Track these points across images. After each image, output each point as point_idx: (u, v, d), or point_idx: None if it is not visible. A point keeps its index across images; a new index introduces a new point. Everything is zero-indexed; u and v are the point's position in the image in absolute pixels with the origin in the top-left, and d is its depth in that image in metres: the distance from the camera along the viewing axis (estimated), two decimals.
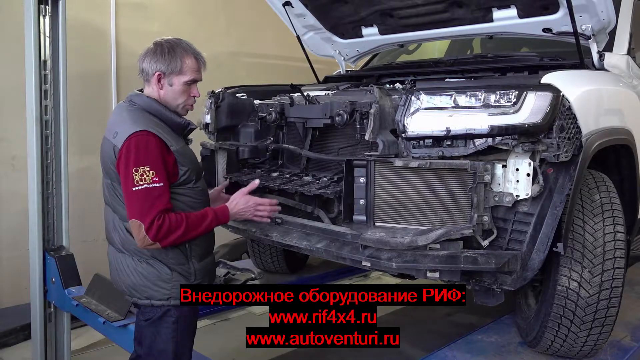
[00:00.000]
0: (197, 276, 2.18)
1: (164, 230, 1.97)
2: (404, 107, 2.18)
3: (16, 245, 4.07)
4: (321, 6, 3.37)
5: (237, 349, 3.81)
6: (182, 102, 2.18)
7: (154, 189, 1.97)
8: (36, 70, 3.07)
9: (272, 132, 3.02)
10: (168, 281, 2.11)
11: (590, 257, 2.24)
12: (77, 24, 4.18)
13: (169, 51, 2.11)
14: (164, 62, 2.10)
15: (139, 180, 1.96)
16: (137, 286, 2.12)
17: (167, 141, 2.05)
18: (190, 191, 2.14)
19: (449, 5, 2.94)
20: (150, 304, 2.13)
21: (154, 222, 1.95)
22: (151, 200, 1.96)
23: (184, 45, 2.14)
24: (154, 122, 2.08)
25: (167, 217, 1.98)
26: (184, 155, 2.12)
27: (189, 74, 2.13)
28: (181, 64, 2.11)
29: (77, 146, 4.12)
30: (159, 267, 2.11)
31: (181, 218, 2.02)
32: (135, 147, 1.98)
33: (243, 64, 5.68)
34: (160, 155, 2.01)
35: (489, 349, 2.58)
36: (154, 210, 1.96)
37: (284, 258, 3.75)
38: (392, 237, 2.13)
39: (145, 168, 1.96)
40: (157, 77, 2.12)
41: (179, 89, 2.14)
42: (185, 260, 2.14)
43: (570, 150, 2.15)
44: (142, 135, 1.99)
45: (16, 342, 3.94)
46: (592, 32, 2.63)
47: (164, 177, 2.00)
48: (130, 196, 1.98)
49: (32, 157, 3.11)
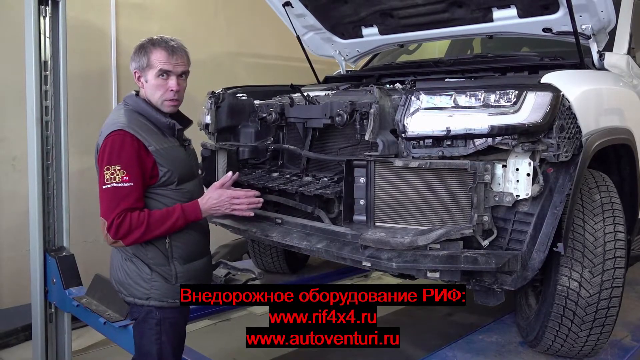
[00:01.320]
0: (179, 279, 2.16)
1: (123, 229, 1.98)
2: (404, 107, 2.18)
3: (17, 245, 4.07)
4: (321, 6, 3.37)
5: (237, 350, 3.81)
6: (160, 96, 2.15)
7: (121, 188, 1.99)
8: (36, 71, 3.07)
9: (272, 132, 3.02)
10: (148, 281, 2.12)
11: (591, 257, 2.24)
12: (78, 25, 4.18)
13: (139, 49, 2.15)
14: (136, 60, 2.15)
15: (108, 178, 1.99)
16: (122, 283, 2.17)
17: (145, 141, 2.05)
18: (173, 193, 2.14)
19: (448, 5, 2.94)
20: (134, 302, 2.16)
21: (114, 220, 1.98)
22: (117, 200, 1.99)
23: (155, 39, 2.15)
24: (139, 122, 2.10)
25: (129, 216, 1.99)
26: (165, 157, 2.11)
27: (157, 65, 2.12)
28: (148, 57, 2.12)
29: (77, 147, 4.12)
30: (140, 266, 2.13)
31: (143, 216, 2.02)
32: (110, 146, 2.01)
33: (243, 64, 5.68)
34: (134, 155, 2.02)
35: (490, 348, 2.58)
36: (117, 209, 1.98)
37: (284, 258, 3.75)
38: (393, 237, 2.13)
39: (116, 167, 1.99)
40: (137, 76, 2.17)
41: (153, 83, 2.14)
42: (165, 261, 2.14)
43: (570, 150, 2.15)
44: (118, 135, 2.02)
45: (17, 342, 3.95)
46: (592, 32, 2.63)
47: (135, 177, 2.01)
48: (100, 194, 2.03)
49: (32, 158, 3.11)
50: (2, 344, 3.89)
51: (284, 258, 3.75)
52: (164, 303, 2.14)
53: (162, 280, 2.13)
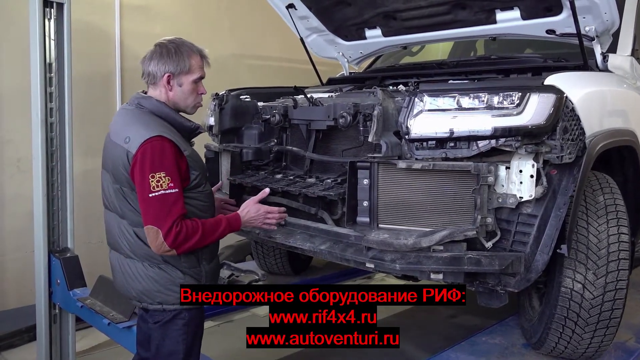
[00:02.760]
0: (207, 278, 2.18)
1: (181, 237, 1.97)
2: (407, 108, 2.19)
3: (21, 246, 4.08)
4: (324, 8, 3.38)
5: (240, 351, 3.80)
6: (192, 101, 2.18)
7: (170, 195, 1.96)
8: (41, 73, 3.09)
9: (275, 134, 3.02)
10: (182, 284, 2.10)
11: (595, 259, 2.23)
12: (82, 27, 4.20)
13: (175, 51, 2.10)
14: (172, 63, 2.09)
15: (155, 186, 1.95)
16: (148, 291, 2.10)
17: (180, 146, 2.05)
18: (200, 194, 2.14)
19: (452, 7, 2.95)
20: (162, 309, 2.11)
21: (172, 228, 1.95)
22: (168, 207, 1.96)
23: (188, 44, 2.15)
24: (165, 126, 2.07)
25: (184, 224, 1.98)
26: (194, 159, 2.12)
27: (196, 71, 2.13)
28: (189, 62, 2.11)
29: (82, 148, 4.14)
30: (171, 271, 2.10)
31: (197, 225, 2.01)
32: (151, 153, 1.97)
33: (246, 66, 5.69)
34: (175, 160, 2.00)
35: (493, 350, 2.58)
36: (171, 217, 1.95)
37: (287, 260, 3.76)
38: (396, 238, 2.13)
39: (162, 174, 1.96)
40: (167, 79, 2.11)
41: (188, 88, 2.14)
42: (197, 263, 2.14)
43: (573, 152, 2.15)
44: (157, 141, 1.98)
45: (21, 343, 3.96)
46: (595, 34, 2.63)
47: (178, 183, 2.00)
48: (146, 202, 1.97)
49: (37, 159, 3.12)
50: (6, 345, 3.91)
51: (288, 259, 3.75)
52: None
53: (193, 282, 2.13)
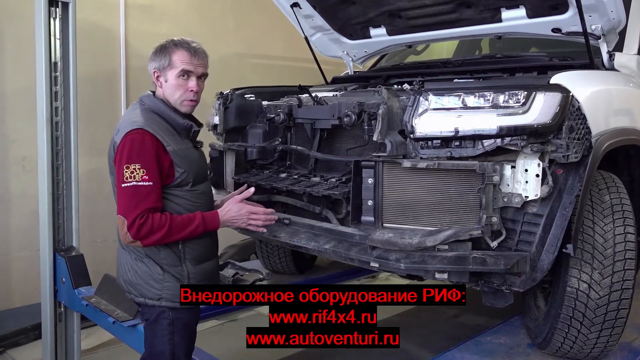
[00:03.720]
0: (191, 280, 2.17)
1: (145, 230, 1.98)
2: (412, 107, 2.18)
3: (27, 245, 4.10)
4: (329, 7, 3.37)
5: (244, 350, 3.81)
6: (179, 96, 2.17)
7: (142, 187, 1.99)
8: (47, 72, 3.10)
9: (280, 133, 3.02)
10: (160, 281, 2.12)
11: (600, 259, 2.22)
12: (87, 26, 4.21)
13: (160, 49, 2.17)
14: (157, 60, 2.16)
15: (128, 177, 1.99)
16: (132, 283, 2.16)
17: (163, 141, 2.07)
18: (188, 193, 2.15)
19: (457, 5, 2.94)
20: (144, 303, 2.16)
21: (136, 220, 1.97)
22: (138, 198, 1.98)
23: (178, 40, 2.17)
24: (156, 122, 2.11)
25: (151, 217, 1.99)
26: (182, 157, 2.12)
27: (179, 66, 2.14)
28: (170, 57, 2.14)
29: (87, 147, 4.15)
30: (151, 266, 2.13)
31: (165, 219, 2.02)
32: (130, 145, 2.01)
33: (251, 65, 5.70)
34: (154, 154, 2.03)
35: (498, 350, 2.57)
36: (138, 209, 1.97)
37: (292, 259, 3.75)
38: (401, 238, 2.12)
39: (136, 166, 1.99)
40: (156, 76, 2.18)
41: (173, 83, 2.16)
42: (178, 262, 2.15)
43: (579, 151, 2.14)
44: (138, 134, 2.03)
45: (27, 341, 3.99)
46: (601, 32, 2.61)
47: (155, 177, 2.02)
48: (119, 192, 2.02)
49: (42, 158, 3.14)
50: (12, 343, 3.93)
51: (292, 258, 3.75)
52: (176, 303, 2.14)
53: (174, 281, 2.14)
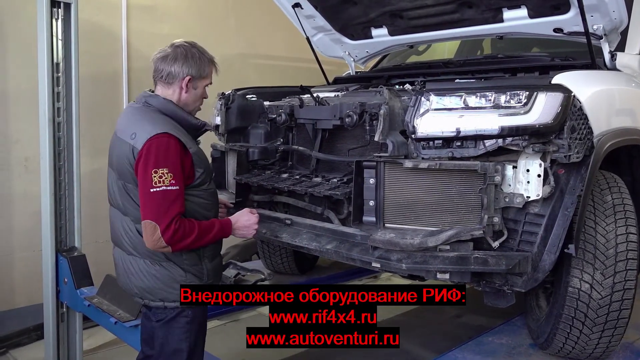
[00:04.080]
0: (209, 276, 2.19)
1: (179, 235, 1.99)
2: (413, 108, 2.18)
3: (29, 246, 4.11)
4: (331, 7, 3.38)
5: (246, 350, 3.81)
6: (199, 104, 2.27)
7: (171, 192, 1.98)
8: (49, 73, 3.10)
9: (281, 133, 3.03)
10: (182, 282, 2.11)
11: (602, 259, 2.22)
12: (89, 27, 4.22)
13: (200, 57, 2.17)
14: (196, 66, 2.15)
15: (157, 181, 1.97)
16: (150, 289, 2.12)
17: (186, 143, 2.07)
18: (204, 193, 2.16)
19: (458, 5, 2.94)
20: (163, 306, 2.13)
21: (171, 225, 1.96)
22: (168, 203, 1.97)
23: (209, 54, 2.23)
24: (173, 124, 2.11)
25: (182, 223, 2.00)
26: (200, 157, 2.14)
27: (210, 78, 2.23)
28: (209, 68, 2.20)
29: (89, 148, 4.15)
30: (172, 269, 2.11)
31: (193, 225, 2.04)
32: (156, 149, 1.99)
33: (253, 66, 5.70)
34: (179, 158, 2.03)
35: (500, 350, 2.57)
36: (170, 213, 1.97)
37: (293, 259, 3.75)
38: (402, 238, 2.13)
39: (164, 170, 1.98)
40: (187, 81, 2.15)
41: (200, 92, 2.22)
42: (198, 260, 2.16)
43: (581, 151, 2.14)
44: (163, 137, 2.01)
45: (29, 342, 3.99)
46: (603, 32, 2.61)
47: (180, 181, 2.02)
48: (147, 197, 1.99)
49: (44, 159, 3.14)
50: (14, 343, 3.93)
51: (294, 259, 3.75)
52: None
53: (195, 280, 2.14)
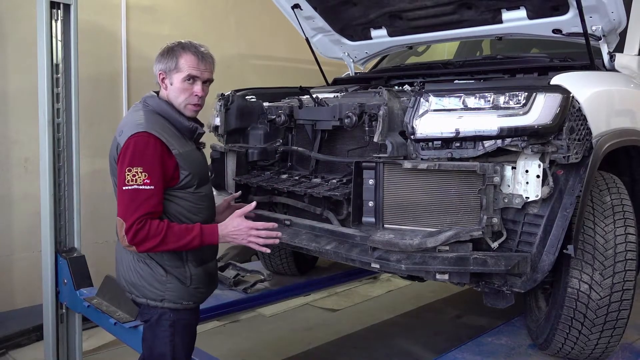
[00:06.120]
0: (193, 281, 2.17)
1: (141, 236, 1.96)
2: (412, 108, 2.18)
3: (28, 246, 4.11)
4: (330, 8, 3.38)
5: (246, 350, 3.82)
6: (184, 100, 2.16)
7: (143, 191, 1.97)
8: (48, 74, 3.10)
9: (281, 134, 3.03)
10: (163, 283, 2.12)
11: (601, 259, 2.22)
12: (89, 28, 4.22)
13: (167, 51, 2.15)
14: (163, 62, 2.15)
15: (130, 180, 1.97)
16: (135, 284, 2.16)
17: (168, 144, 2.06)
18: (191, 196, 2.14)
19: (458, 6, 2.94)
20: (146, 303, 2.15)
21: (134, 225, 1.95)
22: (138, 202, 1.97)
23: (185, 44, 2.16)
24: (160, 124, 2.10)
25: (149, 223, 1.97)
26: (187, 160, 2.11)
27: (185, 70, 2.13)
28: (177, 61, 2.13)
29: (88, 149, 4.16)
30: (154, 267, 2.12)
31: (162, 227, 1.99)
32: (133, 147, 2.00)
33: (252, 67, 5.71)
34: (158, 157, 2.01)
35: (499, 351, 2.58)
36: (137, 213, 1.96)
37: (293, 260, 3.76)
38: (401, 238, 2.13)
39: (139, 169, 1.98)
40: (161, 78, 2.17)
41: (178, 86, 2.14)
42: (181, 263, 2.15)
43: (580, 152, 2.14)
44: (143, 136, 2.01)
45: (29, 342, 3.99)
46: (602, 33, 2.61)
47: (157, 180, 2.00)
48: (119, 194, 2.01)
49: (44, 160, 3.14)
50: (14, 344, 3.94)
51: (293, 260, 3.75)
52: (179, 305, 2.14)
53: (177, 282, 2.14)
